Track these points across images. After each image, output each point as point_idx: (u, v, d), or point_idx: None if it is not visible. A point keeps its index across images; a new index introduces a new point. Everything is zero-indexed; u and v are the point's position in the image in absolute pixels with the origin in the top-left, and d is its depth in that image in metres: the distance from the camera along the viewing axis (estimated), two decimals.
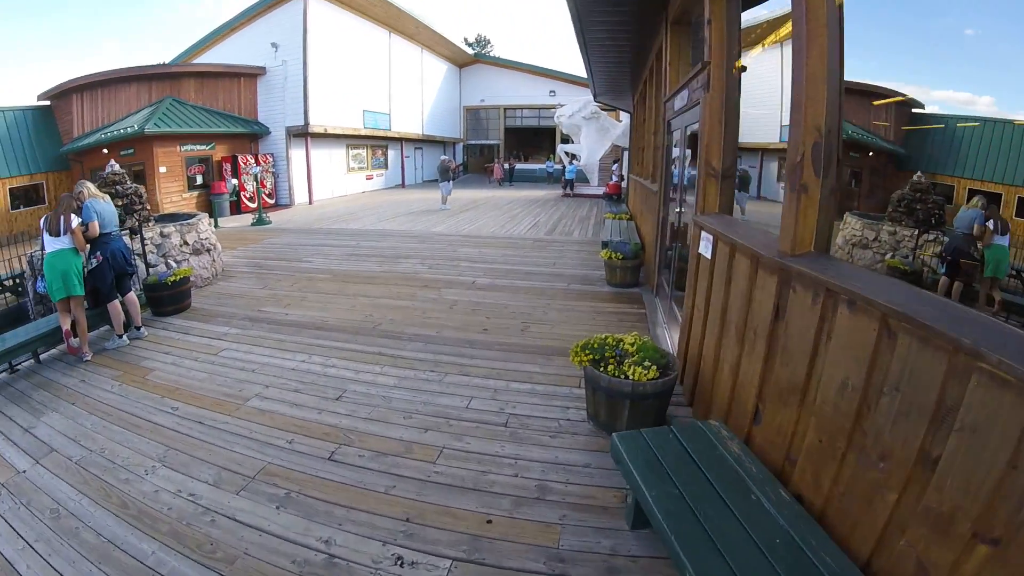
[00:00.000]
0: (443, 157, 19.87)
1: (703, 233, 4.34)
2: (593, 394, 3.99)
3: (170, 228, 8.61)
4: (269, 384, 4.87)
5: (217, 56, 22.15)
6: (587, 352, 4.02)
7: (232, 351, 5.71)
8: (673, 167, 6.96)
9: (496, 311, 6.91)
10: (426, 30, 28.82)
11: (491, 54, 39.64)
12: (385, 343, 5.78)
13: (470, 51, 36.63)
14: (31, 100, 20.84)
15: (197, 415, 4.34)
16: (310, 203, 21.90)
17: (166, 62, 22.14)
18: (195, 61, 22.48)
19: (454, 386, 4.74)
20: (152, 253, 8.26)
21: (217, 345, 5.90)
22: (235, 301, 7.61)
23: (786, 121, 3.26)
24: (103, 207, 6.15)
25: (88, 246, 5.88)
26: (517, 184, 32.91)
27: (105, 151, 17.37)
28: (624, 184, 18.62)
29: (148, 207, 8.93)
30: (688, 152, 5.82)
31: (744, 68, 4.37)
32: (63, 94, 20.20)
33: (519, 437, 3.93)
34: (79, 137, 19.39)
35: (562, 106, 26.94)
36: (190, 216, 9.61)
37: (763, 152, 16.65)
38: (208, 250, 9.16)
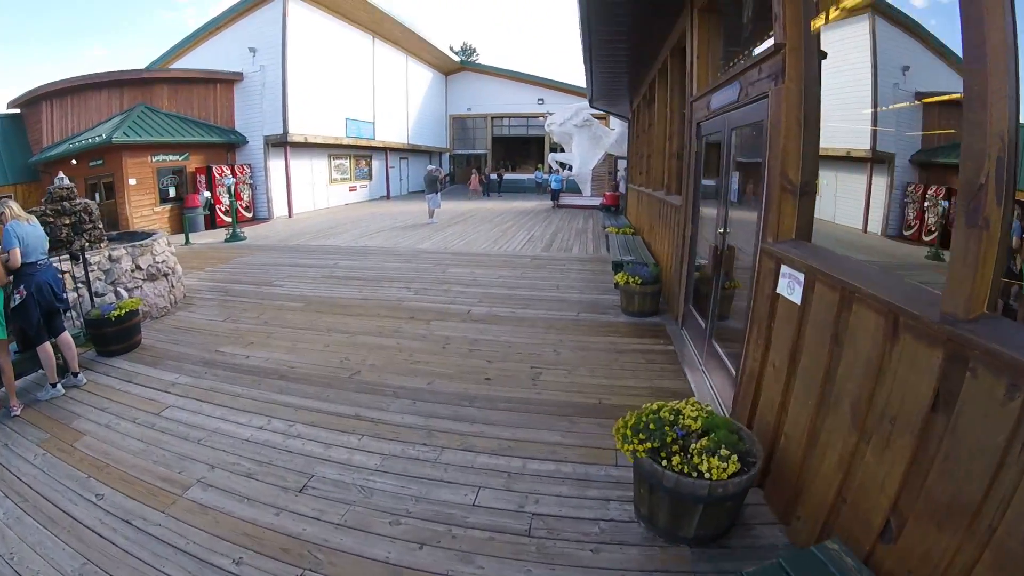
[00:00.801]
0: (430, 167, 18.82)
1: (785, 268, 3.32)
2: (649, 493, 2.93)
3: (120, 251, 7.47)
4: (217, 463, 3.76)
5: (194, 62, 21.07)
6: (640, 435, 2.96)
7: (178, 409, 4.61)
8: (717, 178, 5.95)
9: (498, 351, 5.83)
10: (411, 36, 27.86)
11: (477, 62, 38.72)
12: (364, 400, 4.67)
13: (456, 58, 35.69)
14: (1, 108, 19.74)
15: (125, 509, 3.29)
16: (290, 216, 20.76)
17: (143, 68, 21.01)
18: (171, 67, 21.34)
19: (455, 469, 3.64)
20: (100, 280, 7.12)
21: (162, 400, 4.80)
22: (192, 338, 6.49)
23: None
24: (27, 231, 5.08)
25: (10, 278, 4.80)
26: (506, 195, 31.95)
27: (74, 162, 16.34)
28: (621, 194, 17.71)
29: (100, 225, 7.83)
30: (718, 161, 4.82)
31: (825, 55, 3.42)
32: (32, 102, 19.03)
33: (549, 554, 2.85)
34: (48, 147, 18.25)
35: (552, 114, 26.07)
36: (145, 236, 8.50)
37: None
38: (166, 275, 8.03)
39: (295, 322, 6.93)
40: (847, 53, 3.62)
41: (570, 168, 25.00)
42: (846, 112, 3.75)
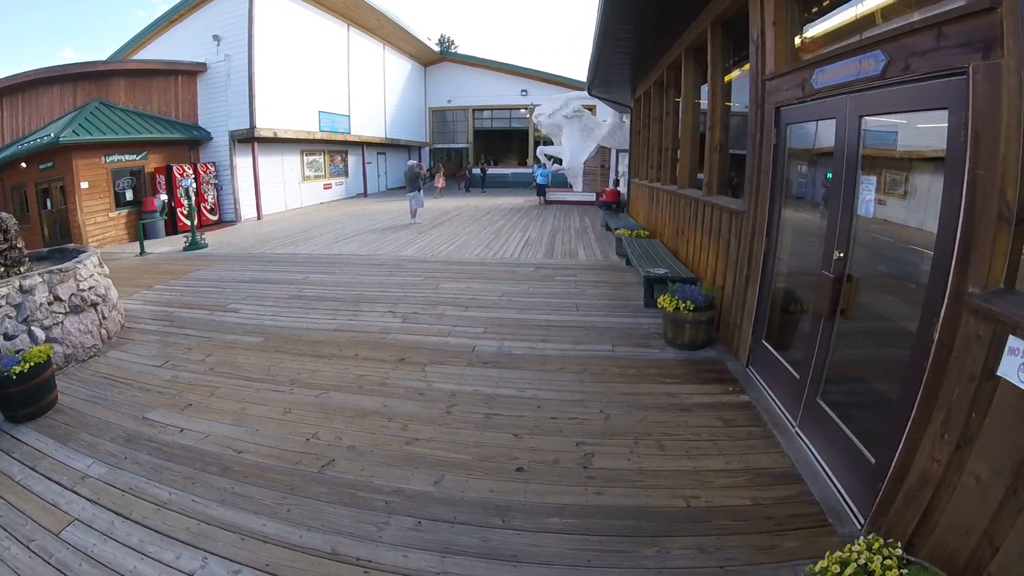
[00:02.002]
0: (411, 162, 17.26)
1: (1017, 341, 1.95)
2: None
3: (34, 279, 5.85)
4: None
5: (156, 53, 19.29)
6: None
7: (85, 527, 3.11)
8: (832, 182, 4.57)
9: (526, 417, 4.33)
10: (388, 23, 26.18)
11: (457, 52, 37.06)
12: (342, 521, 3.12)
13: (435, 48, 34.00)
14: None
15: None
16: (259, 218, 19.07)
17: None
18: (133, 59, 19.52)
19: None
20: (9, 319, 5.53)
21: (67, 508, 3.29)
22: (119, 394, 4.93)
23: None
24: None
25: None
26: (490, 190, 30.43)
27: (24, 165, 14.58)
28: (623, 190, 16.29)
29: (20, 244, 6.24)
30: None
31: None
32: None
33: None
34: None
35: (538, 105, 24.62)
36: (71, 254, 6.93)
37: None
38: (94, 304, 6.42)
39: (248, 370, 5.36)
40: None
41: (559, 162, 23.60)
42: None
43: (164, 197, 15.49)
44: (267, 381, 5.05)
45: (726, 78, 7.25)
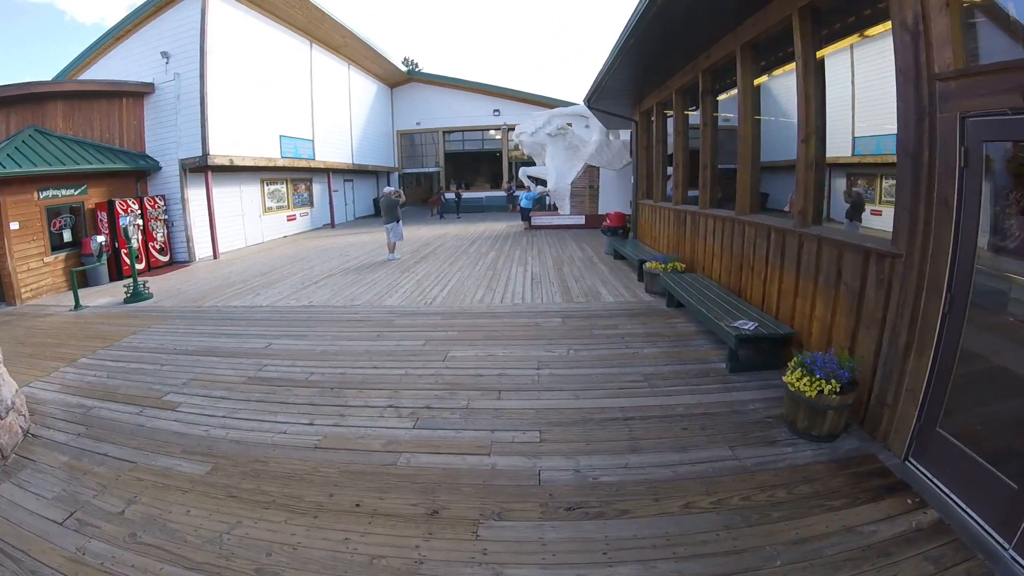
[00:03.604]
0: (388, 188, 15.34)
1: None
2: None
3: None
4: None
5: (102, 74, 17.05)
6: None
7: None
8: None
9: None
10: (354, 41, 24.38)
11: (424, 71, 35.33)
12: None
13: (403, 68, 32.24)
14: None
15: None
16: (215, 257, 16.90)
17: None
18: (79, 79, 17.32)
19: None
20: None
21: None
22: None
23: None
24: None
25: None
26: (465, 215, 28.63)
27: None
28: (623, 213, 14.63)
29: None
30: None
31: None
32: None
33: None
34: None
35: (512, 127, 22.97)
36: None
37: (831, 169, 12.69)
38: None
39: (189, 540, 3.32)
40: None
41: (543, 183, 21.93)
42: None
43: (101, 238, 13.25)
44: (213, 567, 3.07)
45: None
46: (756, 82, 7.15)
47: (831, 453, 3.98)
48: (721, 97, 8.80)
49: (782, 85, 9.86)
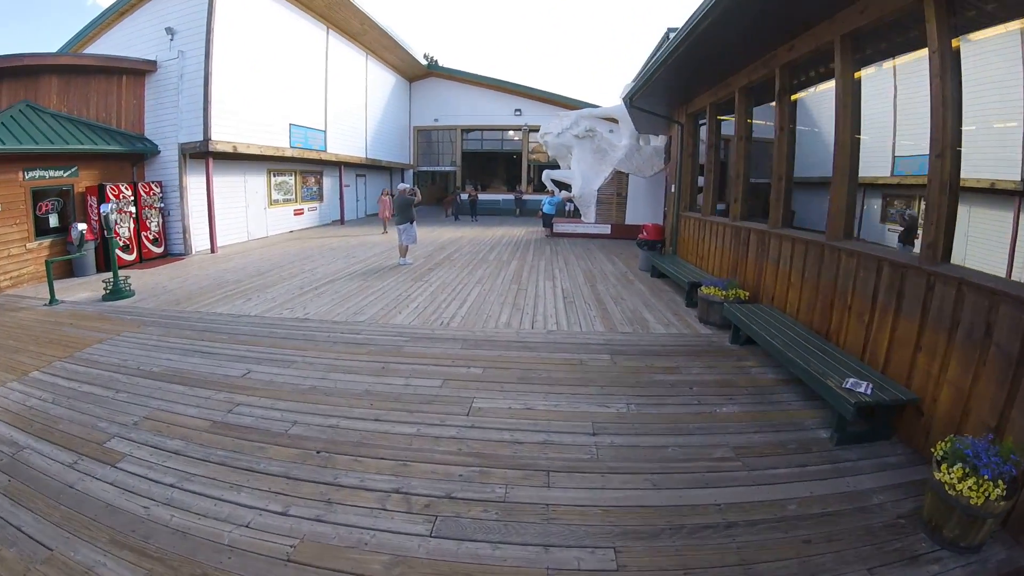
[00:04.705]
0: (403, 185, 13.99)
1: None
2: None
3: None
4: None
5: (105, 49, 15.81)
6: None
7: None
8: None
9: None
10: (373, 29, 23.09)
11: (445, 67, 33.98)
12: None
13: (423, 61, 30.93)
14: None
15: None
16: (212, 251, 15.58)
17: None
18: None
19: None
20: None
21: None
22: None
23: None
24: None
25: None
26: (481, 219, 27.26)
27: None
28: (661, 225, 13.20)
29: None
30: None
31: None
32: None
33: None
34: None
35: (533, 129, 21.56)
36: None
37: (866, 188, 11.43)
38: None
39: None
40: None
41: (568, 188, 20.56)
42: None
43: (82, 226, 11.94)
44: None
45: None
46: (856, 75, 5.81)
47: (981, 569, 2.91)
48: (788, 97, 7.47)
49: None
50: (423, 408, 4.95)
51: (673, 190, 12.72)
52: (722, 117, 10.45)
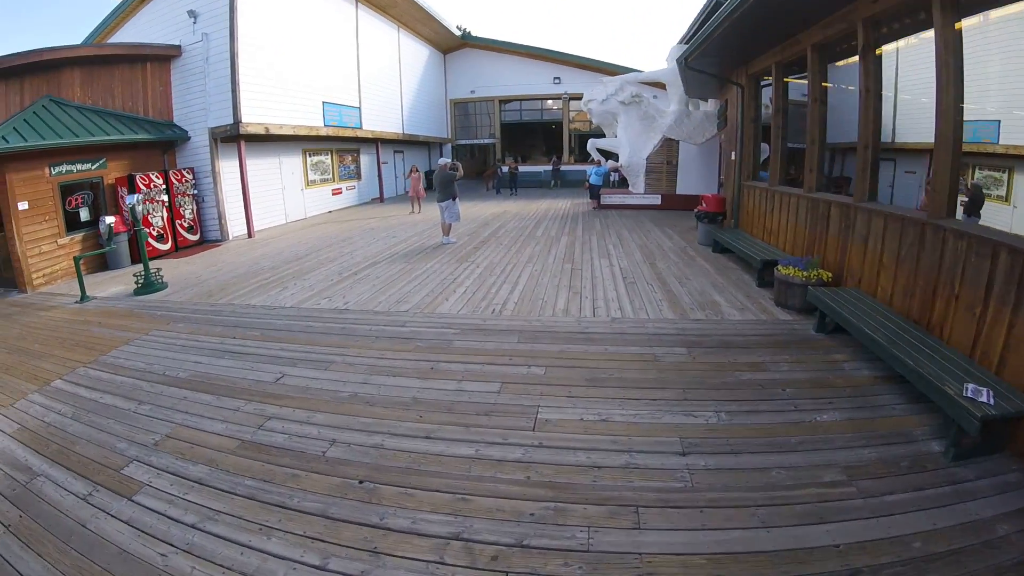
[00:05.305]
0: (443, 160, 13.23)
1: None
2: None
3: None
4: None
5: (128, 38, 15.43)
6: None
7: None
8: None
9: None
10: (404, 1, 22.16)
11: (480, 36, 32.84)
12: None
13: (456, 32, 29.87)
14: None
15: None
16: (249, 236, 15.16)
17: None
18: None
19: None
20: None
21: None
22: None
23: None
24: None
25: None
26: (522, 192, 26.33)
27: None
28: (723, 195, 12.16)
29: None
30: None
31: None
32: None
33: None
34: None
35: (575, 97, 20.39)
36: None
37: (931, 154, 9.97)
38: None
39: None
40: None
41: (615, 158, 19.48)
42: None
43: (110, 219, 11.53)
44: None
45: None
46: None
47: None
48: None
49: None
50: (481, 421, 4.22)
51: (733, 157, 11.65)
52: (789, 79, 9.36)
